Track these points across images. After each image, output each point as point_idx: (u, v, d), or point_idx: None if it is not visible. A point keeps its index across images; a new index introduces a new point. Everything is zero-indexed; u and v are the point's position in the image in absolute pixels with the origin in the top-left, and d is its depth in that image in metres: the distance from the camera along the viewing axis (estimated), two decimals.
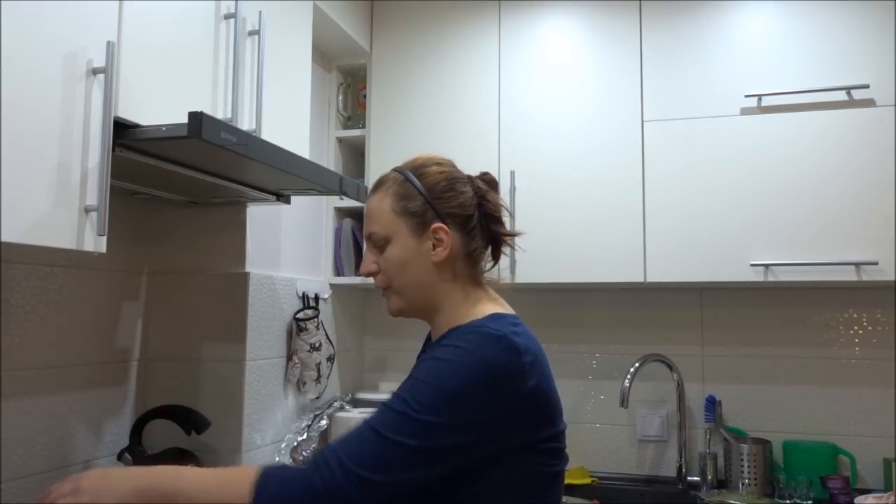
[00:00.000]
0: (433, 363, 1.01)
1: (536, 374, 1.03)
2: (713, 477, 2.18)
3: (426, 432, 0.96)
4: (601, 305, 2.41)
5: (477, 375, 0.98)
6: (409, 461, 0.96)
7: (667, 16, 2.12)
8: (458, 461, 0.99)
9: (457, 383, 0.98)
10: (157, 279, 1.83)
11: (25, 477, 1.44)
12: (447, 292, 1.14)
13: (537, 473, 1.04)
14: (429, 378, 0.99)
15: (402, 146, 2.29)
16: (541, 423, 1.04)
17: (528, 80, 2.22)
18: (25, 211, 1.01)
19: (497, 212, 1.17)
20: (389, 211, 1.14)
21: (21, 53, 1.01)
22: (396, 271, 1.14)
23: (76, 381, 1.58)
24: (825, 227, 1.94)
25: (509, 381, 0.99)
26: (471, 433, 0.98)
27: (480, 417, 0.98)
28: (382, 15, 2.38)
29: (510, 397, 1.00)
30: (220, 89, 1.44)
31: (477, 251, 1.16)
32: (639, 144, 2.10)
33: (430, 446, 0.96)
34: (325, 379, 2.13)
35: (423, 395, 0.98)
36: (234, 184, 1.56)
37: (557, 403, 1.08)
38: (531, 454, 1.03)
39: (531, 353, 1.04)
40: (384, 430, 0.96)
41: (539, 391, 1.03)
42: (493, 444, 1.00)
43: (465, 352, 1.00)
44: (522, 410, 1.01)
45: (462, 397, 0.97)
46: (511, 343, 1.01)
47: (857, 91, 1.94)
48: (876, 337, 2.18)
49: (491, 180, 1.20)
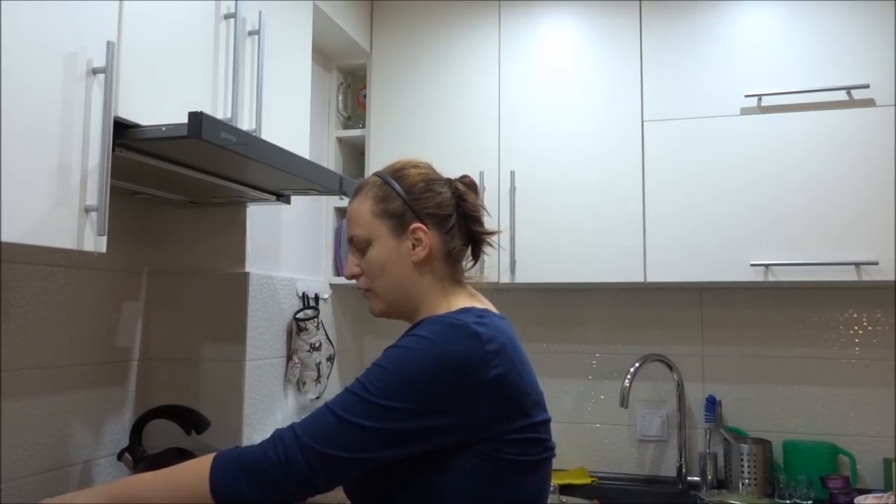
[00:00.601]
0: (394, 350, 1.04)
1: (501, 363, 1.03)
2: (713, 477, 2.18)
3: (381, 415, 0.98)
4: (601, 305, 2.41)
5: (435, 362, 1.00)
6: (361, 441, 0.98)
7: (667, 16, 2.12)
8: (415, 446, 1.01)
9: (415, 369, 1.00)
10: (157, 279, 1.83)
11: (25, 477, 1.44)
12: (427, 291, 1.16)
13: (510, 462, 1.04)
14: (388, 364, 1.02)
15: (402, 146, 2.29)
16: (508, 413, 1.04)
17: (528, 80, 2.22)
18: (25, 211, 1.01)
19: (475, 211, 1.19)
20: (369, 213, 1.17)
21: (21, 54, 1.01)
22: (378, 272, 1.17)
23: (76, 381, 1.58)
24: (825, 227, 1.94)
25: (469, 369, 1.01)
26: (428, 419, 0.99)
27: (439, 404, 1.00)
28: (382, 15, 2.38)
29: (470, 385, 1.01)
30: (220, 89, 1.44)
31: (456, 250, 1.18)
32: (639, 144, 2.10)
33: (384, 429, 0.98)
34: (325, 379, 2.13)
35: (381, 381, 1.00)
36: (234, 184, 1.56)
37: (531, 394, 1.08)
38: (500, 444, 1.03)
39: (496, 343, 1.04)
40: (341, 412, 1.00)
41: (504, 381, 1.03)
42: (456, 431, 1.01)
43: (426, 340, 1.02)
44: (484, 399, 1.02)
45: (420, 383, 0.99)
46: (472, 332, 1.03)
47: (857, 91, 1.94)
48: (876, 337, 2.18)
49: (470, 183, 1.22)
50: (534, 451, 1.07)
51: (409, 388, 0.99)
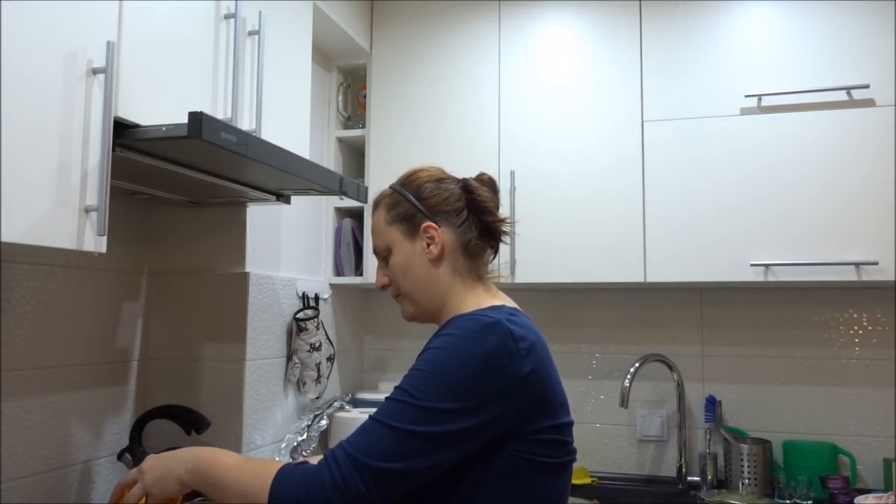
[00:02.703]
0: (431, 352, 1.05)
1: (533, 361, 1.04)
2: (713, 477, 2.18)
3: (430, 418, 0.98)
4: (601, 305, 2.41)
5: (473, 359, 1.01)
6: (416, 448, 0.97)
7: (667, 16, 2.12)
8: (466, 446, 1.01)
9: (454, 369, 1.00)
10: (157, 279, 1.83)
11: (25, 477, 1.44)
12: (449, 288, 1.18)
13: (535, 464, 1.04)
14: (427, 367, 1.02)
15: (402, 146, 2.29)
16: (536, 412, 1.04)
17: (527, 80, 2.22)
18: (25, 211, 1.01)
19: (486, 202, 1.20)
20: (384, 223, 1.22)
21: (21, 53, 1.00)
22: (401, 276, 1.20)
23: (76, 381, 1.58)
24: (825, 227, 1.94)
25: (503, 364, 1.01)
26: (474, 416, 0.99)
27: (481, 401, 1.00)
28: (382, 15, 2.38)
29: (505, 380, 1.01)
30: (220, 89, 1.44)
31: (472, 243, 1.19)
32: (639, 144, 2.10)
33: (435, 432, 0.98)
34: (325, 379, 2.13)
35: (423, 384, 1.00)
36: (234, 184, 1.56)
37: (558, 395, 1.09)
38: (527, 444, 1.04)
39: (527, 341, 1.05)
40: (389, 421, 0.99)
41: (534, 379, 1.04)
42: (495, 426, 1.01)
43: (460, 338, 1.03)
44: (517, 395, 1.02)
45: (461, 382, 1.00)
46: (505, 328, 1.04)
47: (857, 91, 1.94)
48: (876, 337, 2.18)
49: (487, 179, 1.24)
50: (558, 453, 1.07)
51: (454, 388, 0.99)
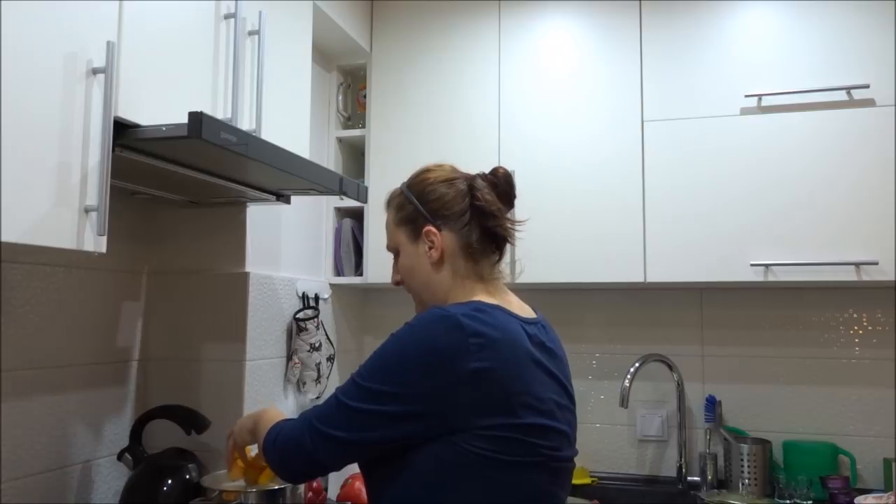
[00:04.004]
0: (387, 339, 1.10)
1: (488, 357, 1.03)
2: (713, 477, 2.18)
3: (368, 398, 1.06)
4: (601, 305, 2.41)
5: (416, 348, 1.05)
6: (358, 422, 1.06)
7: (667, 16, 2.12)
8: (405, 427, 1.04)
9: (397, 355, 1.06)
10: (157, 279, 1.83)
11: (25, 477, 1.44)
12: (450, 290, 1.20)
13: (483, 457, 1.03)
14: (379, 351, 1.09)
15: (402, 146, 2.29)
16: (487, 409, 1.03)
17: (527, 80, 2.22)
18: (25, 211, 1.01)
19: (487, 206, 1.19)
20: (392, 224, 1.26)
21: (21, 53, 1.01)
22: (408, 277, 1.24)
23: (76, 381, 1.58)
24: (825, 226, 1.94)
25: (448, 358, 1.02)
26: (408, 403, 1.03)
27: (419, 390, 1.03)
28: (382, 15, 2.38)
29: (448, 374, 1.02)
30: (220, 89, 1.44)
31: (473, 247, 1.19)
32: (639, 144, 2.10)
33: (372, 410, 1.05)
34: (325, 379, 2.13)
35: (371, 366, 1.08)
36: (234, 184, 1.56)
37: (524, 396, 1.06)
38: (474, 438, 1.02)
39: (484, 337, 1.04)
40: (339, 395, 1.10)
41: (487, 376, 1.02)
42: (434, 418, 1.03)
43: (413, 327, 1.08)
44: (463, 390, 1.02)
45: (400, 368, 1.05)
46: (457, 322, 1.04)
47: (857, 91, 1.94)
48: (876, 337, 2.18)
49: (503, 174, 1.24)
50: (517, 451, 1.05)
51: (392, 373, 1.05)
